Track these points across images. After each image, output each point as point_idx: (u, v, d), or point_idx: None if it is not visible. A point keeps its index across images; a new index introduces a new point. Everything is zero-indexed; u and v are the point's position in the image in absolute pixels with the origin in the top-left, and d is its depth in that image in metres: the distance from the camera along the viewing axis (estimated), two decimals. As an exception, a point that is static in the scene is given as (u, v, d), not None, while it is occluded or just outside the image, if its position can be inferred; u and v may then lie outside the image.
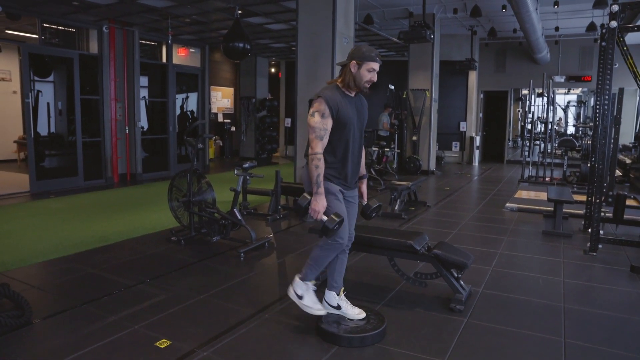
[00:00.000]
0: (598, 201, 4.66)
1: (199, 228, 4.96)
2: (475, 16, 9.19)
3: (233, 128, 14.14)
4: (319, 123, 2.60)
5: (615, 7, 4.40)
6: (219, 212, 4.78)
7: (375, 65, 2.67)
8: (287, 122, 14.02)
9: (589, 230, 4.89)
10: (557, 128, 15.62)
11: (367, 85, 2.70)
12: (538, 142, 10.65)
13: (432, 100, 10.76)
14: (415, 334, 2.86)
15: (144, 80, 10.03)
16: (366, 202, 2.98)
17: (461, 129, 13.21)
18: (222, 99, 14.14)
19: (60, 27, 8.45)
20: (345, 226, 2.72)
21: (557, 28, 10.55)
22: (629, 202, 6.07)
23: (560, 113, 17.02)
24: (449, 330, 2.93)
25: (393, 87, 11.24)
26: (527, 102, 10.58)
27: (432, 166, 10.99)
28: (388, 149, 10.17)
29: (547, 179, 9.50)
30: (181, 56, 11.07)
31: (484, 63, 13.53)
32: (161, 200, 6.71)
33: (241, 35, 7.26)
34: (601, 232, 4.79)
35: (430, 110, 10.77)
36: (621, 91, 6.37)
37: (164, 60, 10.29)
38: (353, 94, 2.76)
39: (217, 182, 6.56)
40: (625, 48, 4.61)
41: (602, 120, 4.77)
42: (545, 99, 10.14)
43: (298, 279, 2.88)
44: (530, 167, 9.98)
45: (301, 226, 5.69)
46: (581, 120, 17.54)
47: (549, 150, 9.92)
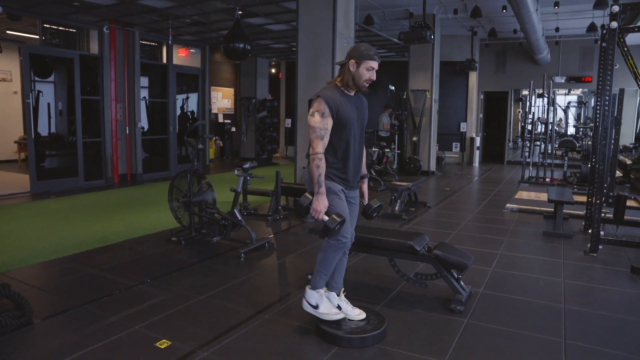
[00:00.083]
0: (598, 202, 4.66)
1: (199, 228, 4.96)
2: (475, 17, 9.19)
3: (233, 128, 14.14)
4: (319, 123, 2.60)
5: (615, 8, 4.41)
6: (219, 213, 4.78)
7: (374, 63, 2.67)
8: (288, 123, 14.03)
9: (590, 231, 4.88)
10: (558, 129, 15.61)
11: (366, 84, 2.70)
12: (538, 143, 10.65)
13: (433, 100, 10.76)
14: (415, 335, 2.86)
15: (145, 80, 10.04)
16: (367, 202, 2.98)
17: (461, 130, 13.21)
18: (223, 100, 14.14)
19: (60, 28, 8.45)
20: (348, 224, 2.72)
21: (558, 29, 10.55)
22: (630, 203, 6.07)
23: (560, 114, 17.03)
24: (449, 331, 2.93)
25: (393, 88, 11.24)
26: (528, 103, 10.57)
27: (433, 167, 10.99)
28: (388, 150, 10.18)
29: (548, 180, 9.49)
30: (181, 57, 11.07)
31: (484, 64, 13.53)
32: (161, 200, 6.71)
33: (241, 35, 7.27)
34: (601, 233, 4.78)
35: (430, 110, 10.77)
36: (622, 92, 6.38)
37: (165, 60, 10.29)
38: (352, 93, 2.76)
39: (218, 183, 6.56)
40: (625, 49, 4.61)
41: (603, 121, 4.77)
42: (545, 100, 10.14)
43: (309, 290, 2.83)
44: (530, 168, 9.97)
45: (301, 227, 5.69)
46: (581, 121, 17.55)
47: (550, 151, 9.91)
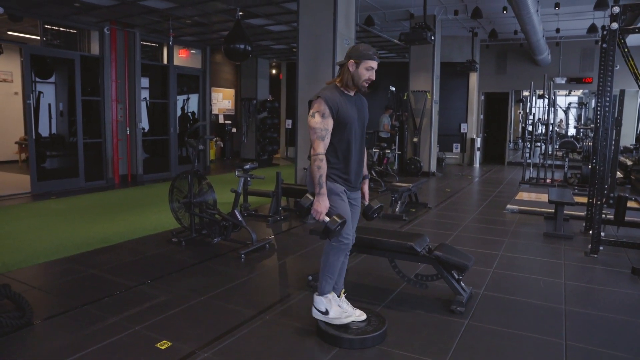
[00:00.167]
0: (599, 203, 4.66)
1: (200, 229, 4.96)
2: (476, 18, 9.19)
3: (234, 129, 14.15)
4: (320, 123, 2.60)
5: (616, 9, 4.41)
6: (220, 214, 4.78)
7: (373, 63, 2.66)
8: (288, 124, 14.04)
9: (590, 232, 4.88)
10: (558, 130, 15.60)
11: (366, 84, 2.70)
12: (539, 144, 10.63)
13: (433, 101, 10.76)
14: (416, 336, 2.86)
15: (145, 81, 10.05)
16: (368, 203, 2.98)
17: (462, 131, 13.21)
18: (223, 100, 14.16)
19: (61, 29, 8.47)
20: (349, 225, 2.72)
21: (558, 30, 10.55)
22: (630, 204, 6.07)
23: (561, 115, 17.01)
24: (450, 332, 2.93)
25: (394, 89, 11.24)
26: (528, 104, 10.57)
27: (433, 168, 10.99)
28: (389, 151, 10.17)
29: (548, 181, 9.49)
30: (182, 57, 11.08)
31: (485, 64, 13.53)
32: (162, 201, 6.71)
33: (242, 36, 7.27)
34: (602, 234, 4.78)
35: (431, 111, 10.77)
36: (622, 93, 6.37)
37: (165, 61, 10.30)
38: (352, 94, 2.76)
39: (218, 184, 6.56)
40: (626, 50, 4.60)
41: (603, 121, 4.76)
42: (546, 101, 10.14)
43: (317, 297, 2.82)
44: (531, 169, 9.97)
45: (302, 228, 5.69)
46: (582, 122, 17.52)
47: (550, 152, 9.91)
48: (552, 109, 9.93)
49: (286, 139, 14.85)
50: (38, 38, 8.09)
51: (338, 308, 2.81)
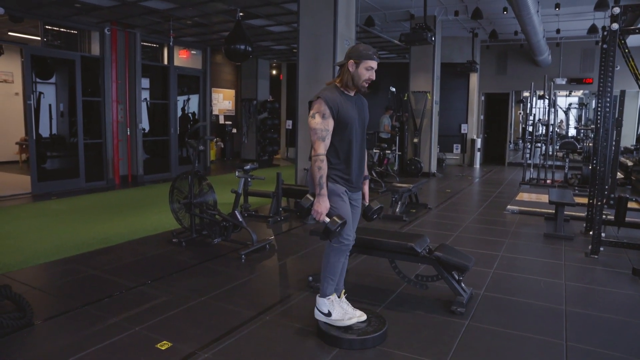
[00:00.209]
0: (599, 204, 4.66)
1: (200, 230, 4.96)
2: (476, 18, 9.19)
3: (234, 130, 14.16)
4: (320, 124, 2.60)
5: (616, 10, 4.41)
6: (220, 214, 4.78)
7: (373, 63, 2.66)
8: (289, 124, 14.04)
9: (591, 232, 4.88)
10: (559, 130, 15.60)
11: (366, 84, 2.70)
12: (539, 145, 10.64)
13: (433, 102, 10.76)
14: (416, 337, 2.86)
15: (146, 82, 10.06)
16: (367, 204, 2.98)
17: (462, 131, 13.21)
18: (224, 101, 14.16)
19: (62, 29, 8.48)
20: (349, 227, 2.71)
21: (559, 30, 10.56)
22: (631, 205, 6.05)
23: (561, 115, 17.02)
24: (450, 332, 2.92)
25: (394, 90, 11.25)
26: (528, 105, 10.57)
27: (433, 168, 10.99)
28: (389, 151, 10.17)
29: (549, 182, 9.48)
30: (182, 58, 11.09)
31: (485, 65, 13.53)
32: (162, 202, 6.72)
33: (242, 37, 7.28)
34: (603, 235, 4.78)
35: (431, 112, 10.77)
36: (623, 93, 6.36)
37: (166, 62, 10.31)
38: (352, 94, 2.75)
39: (218, 184, 6.56)
40: (626, 50, 4.61)
41: (604, 122, 4.76)
42: (546, 101, 10.14)
43: (319, 298, 2.82)
44: (531, 170, 9.97)
45: (302, 228, 5.69)
46: (582, 122, 17.53)
47: (550, 152, 9.90)
48: (553, 110, 9.93)
49: (286, 140, 14.86)
50: (39, 39, 8.10)
51: (341, 310, 2.81)
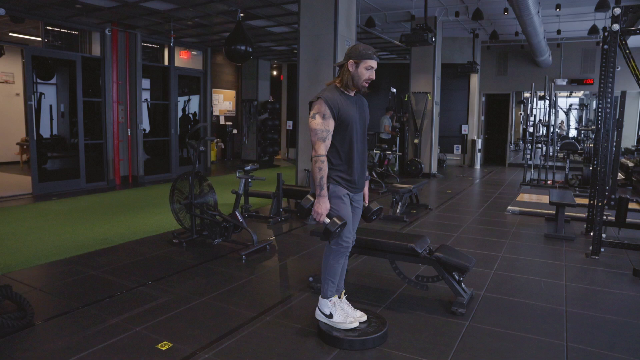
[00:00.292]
0: (600, 204, 4.65)
1: (201, 230, 4.96)
2: (477, 19, 9.19)
3: (235, 131, 14.17)
4: (320, 125, 2.60)
5: (617, 10, 4.41)
6: (221, 215, 4.78)
7: (372, 62, 2.66)
8: (289, 125, 14.05)
9: (591, 233, 4.88)
10: (559, 131, 15.60)
11: (366, 83, 2.69)
12: (540, 145, 10.64)
13: (434, 103, 10.76)
14: (416, 337, 2.86)
15: (146, 82, 10.06)
16: (367, 205, 2.97)
17: (463, 132, 13.21)
18: (224, 102, 14.17)
19: (63, 30, 8.48)
20: (349, 229, 2.71)
21: (559, 31, 10.55)
22: (632, 206, 6.05)
23: (562, 116, 17.01)
24: (451, 333, 2.92)
25: (395, 90, 11.25)
26: (529, 105, 10.57)
27: (434, 169, 10.99)
28: (389, 152, 10.18)
29: (549, 182, 9.48)
30: (183, 59, 11.10)
31: (486, 66, 13.53)
32: (163, 202, 6.73)
33: (243, 38, 7.28)
34: (603, 236, 4.77)
35: (431, 113, 10.78)
36: (623, 94, 6.35)
37: (166, 62, 10.32)
38: (352, 94, 2.75)
39: (219, 185, 6.57)
40: (627, 51, 4.61)
41: (604, 123, 4.76)
42: (547, 102, 10.13)
43: (321, 299, 2.83)
44: (532, 170, 9.96)
45: (303, 229, 5.69)
46: (583, 123, 17.51)
47: (551, 153, 9.90)
48: (553, 111, 9.92)
49: (287, 141, 14.87)
50: (39, 39, 8.11)
51: (342, 312, 2.81)
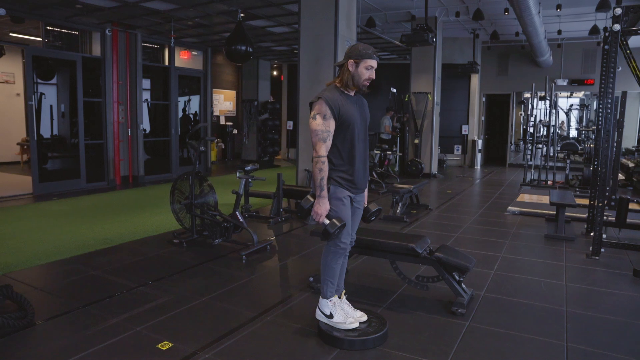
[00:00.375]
0: (601, 205, 4.65)
1: (201, 230, 4.96)
2: (477, 19, 9.19)
3: (235, 131, 14.17)
4: (321, 125, 2.59)
5: (618, 11, 4.41)
6: (221, 215, 4.78)
7: (372, 62, 2.65)
8: (289, 125, 14.06)
9: (592, 234, 4.87)
10: (560, 131, 15.60)
11: (366, 83, 2.69)
12: (540, 146, 10.64)
13: (434, 103, 10.76)
14: (417, 337, 2.86)
15: (147, 82, 10.07)
16: (366, 205, 2.97)
17: (463, 132, 13.20)
18: (224, 102, 14.17)
19: (63, 30, 8.48)
20: (347, 230, 2.71)
21: (560, 31, 10.54)
22: (632, 206, 6.04)
23: (562, 116, 17.00)
24: (451, 333, 2.92)
25: (395, 90, 11.25)
26: (530, 106, 10.56)
27: (434, 169, 10.98)
28: (390, 152, 10.18)
29: (550, 183, 9.48)
30: (183, 59, 11.10)
31: (486, 66, 13.53)
32: (163, 202, 6.73)
33: (243, 38, 7.28)
34: (604, 236, 4.77)
35: (432, 113, 10.78)
36: (624, 94, 6.34)
37: (167, 63, 10.32)
38: (352, 93, 2.75)
39: (219, 185, 6.57)
40: (628, 51, 4.60)
41: (605, 123, 4.76)
42: (547, 103, 10.13)
43: (322, 299, 2.83)
44: (532, 171, 9.96)
45: (303, 229, 5.69)
46: (584, 123, 17.50)
47: (552, 153, 9.90)
48: (554, 111, 9.92)
49: (287, 141, 14.87)
50: (40, 39, 8.12)
51: (343, 313, 2.81)
